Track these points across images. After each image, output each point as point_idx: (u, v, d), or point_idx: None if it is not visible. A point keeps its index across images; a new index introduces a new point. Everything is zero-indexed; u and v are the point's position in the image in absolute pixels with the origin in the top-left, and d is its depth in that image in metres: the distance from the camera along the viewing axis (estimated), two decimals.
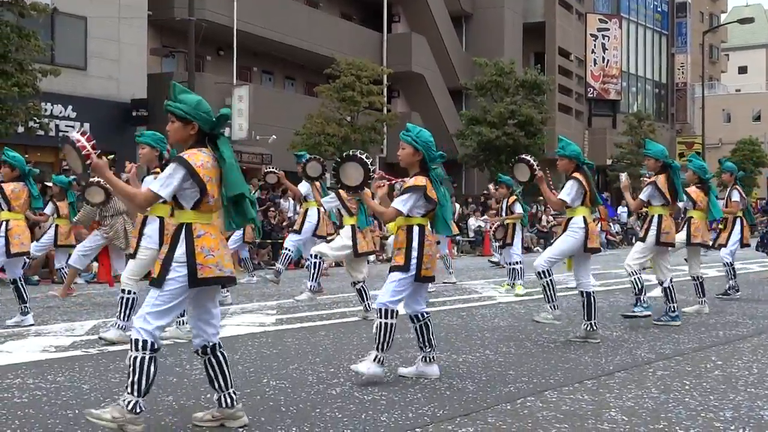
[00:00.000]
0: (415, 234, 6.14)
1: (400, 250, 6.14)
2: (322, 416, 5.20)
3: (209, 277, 4.68)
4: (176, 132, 4.78)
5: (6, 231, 9.16)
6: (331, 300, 12.01)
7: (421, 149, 6.15)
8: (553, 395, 5.78)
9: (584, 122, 51.58)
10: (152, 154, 7.79)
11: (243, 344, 7.88)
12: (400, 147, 6.25)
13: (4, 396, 5.73)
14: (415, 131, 6.20)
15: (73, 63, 23.17)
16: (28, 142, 19.99)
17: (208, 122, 4.76)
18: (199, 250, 4.66)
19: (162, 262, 4.69)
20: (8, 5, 17.15)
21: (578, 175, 8.02)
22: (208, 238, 4.72)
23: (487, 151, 33.34)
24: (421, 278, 6.14)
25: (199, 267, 4.65)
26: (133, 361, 4.58)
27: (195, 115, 4.72)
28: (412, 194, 6.08)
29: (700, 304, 10.51)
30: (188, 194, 4.69)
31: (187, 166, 4.64)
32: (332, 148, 26.34)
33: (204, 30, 25.46)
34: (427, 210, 6.16)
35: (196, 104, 4.75)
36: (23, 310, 9.28)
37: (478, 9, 42.89)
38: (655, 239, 9.09)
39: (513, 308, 11.03)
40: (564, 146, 8.14)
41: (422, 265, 6.11)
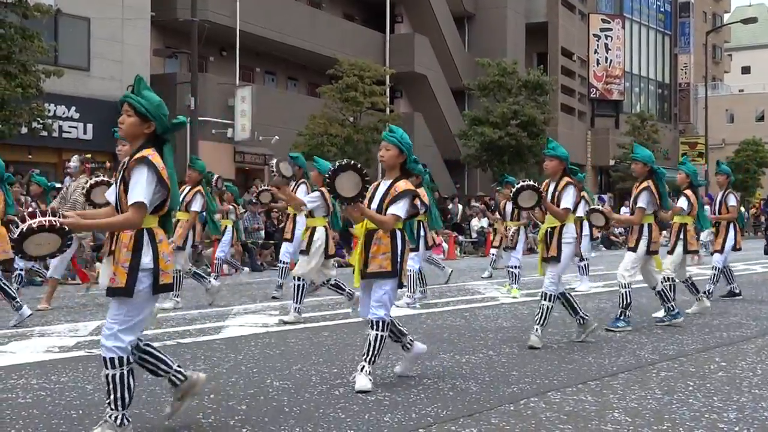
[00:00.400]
0: (399, 239, 6.09)
1: (386, 255, 6.03)
2: (326, 417, 5.20)
3: (167, 283, 4.61)
4: (131, 127, 4.58)
5: None
6: (334, 301, 12.00)
7: (405, 151, 6.11)
8: (556, 396, 5.78)
9: (587, 123, 51.55)
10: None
11: (246, 345, 7.89)
12: (383, 148, 6.14)
13: (8, 396, 5.74)
14: (399, 133, 6.15)
15: (76, 64, 23.21)
16: (31, 143, 20.05)
17: (164, 126, 4.63)
18: (161, 256, 4.54)
19: (128, 270, 4.46)
20: (12, 6, 17.18)
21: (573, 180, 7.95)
22: (165, 243, 4.63)
23: (490, 152, 33.33)
24: (400, 284, 6.15)
25: (161, 273, 4.54)
26: (111, 379, 4.51)
27: (155, 116, 4.57)
28: (406, 198, 6.04)
29: (699, 301, 10.48)
30: (153, 198, 4.53)
31: (155, 169, 4.49)
32: (335, 148, 26.37)
33: (207, 31, 25.47)
34: (410, 214, 6.18)
35: (159, 105, 4.60)
36: (16, 306, 9.23)
37: (481, 9, 42.88)
38: (646, 249, 8.95)
39: (516, 309, 11.02)
40: (554, 147, 7.96)
41: (403, 271, 6.15)
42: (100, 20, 24.16)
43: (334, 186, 5.94)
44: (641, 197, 8.90)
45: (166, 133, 4.66)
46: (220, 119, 27.84)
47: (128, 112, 4.57)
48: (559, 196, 7.80)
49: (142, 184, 4.44)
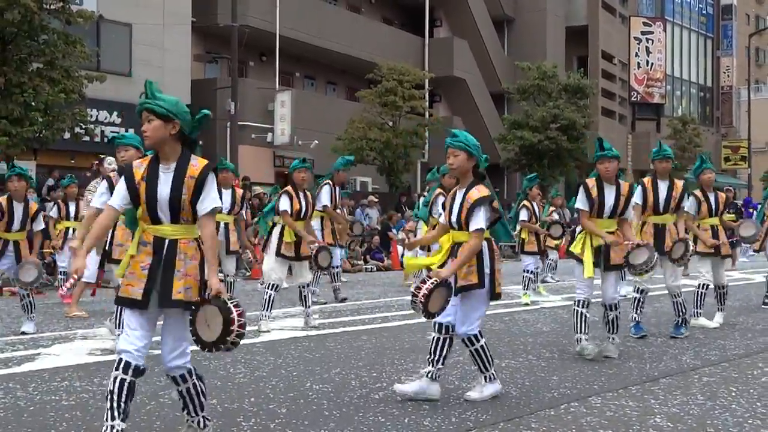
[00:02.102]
0: (485, 249, 5.70)
1: (471, 268, 5.63)
2: (365, 420, 5.21)
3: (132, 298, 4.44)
4: (155, 131, 4.35)
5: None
6: (373, 305, 12.02)
7: (475, 153, 5.75)
8: (597, 401, 5.73)
9: (627, 126, 51.11)
10: (137, 156, 7.50)
11: (286, 348, 7.92)
12: (452, 155, 5.76)
13: (52, 398, 5.82)
14: (463, 136, 5.80)
15: (118, 69, 23.49)
16: (74, 147, 20.31)
17: (189, 123, 4.44)
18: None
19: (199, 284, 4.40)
20: (55, 13, 17.43)
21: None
22: None
23: (530, 156, 33.19)
24: (495, 296, 5.79)
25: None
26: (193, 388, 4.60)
27: (177, 113, 4.36)
28: (483, 207, 5.62)
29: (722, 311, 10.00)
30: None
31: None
32: (374, 153, 26.40)
33: (247, 36, 25.68)
34: (490, 222, 5.77)
35: (176, 103, 4.43)
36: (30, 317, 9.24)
37: (520, 13, 42.72)
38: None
39: (556, 313, 10.95)
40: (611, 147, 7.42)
41: (495, 283, 5.75)
42: (141, 26, 24.44)
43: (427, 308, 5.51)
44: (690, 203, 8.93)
45: (193, 132, 4.48)
46: (260, 124, 28.01)
47: (149, 118, 4.36)
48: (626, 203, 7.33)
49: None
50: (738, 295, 13.33)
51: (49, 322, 10.13)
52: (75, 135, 18.32)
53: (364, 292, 13.56)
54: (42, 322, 10.07)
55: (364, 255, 20.92)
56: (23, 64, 17.02)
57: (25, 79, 16.68)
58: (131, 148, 7.45)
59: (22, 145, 16.92)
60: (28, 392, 6.01)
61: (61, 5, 17.41)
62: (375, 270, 20.37)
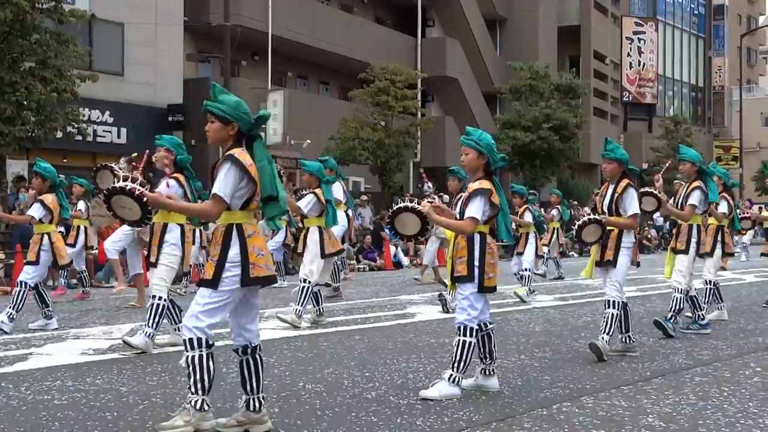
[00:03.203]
0: (476, 242, 5.85)
1: (462, 259, 5.86)
2: (358, 420, 5.21)
3: (260, 276, 4.74)
4: (216, 132, 4.81)
5: (50, 245, 9.27)
6: (366, 304, 12.03)
7: (486, 152, 5.89)
8: (589, 401, 5.75)
9: (620, 126, 51.25)
10: (168, 158, 7.84)
11: (278, 348, 7.92)
12: (463, 152, 5.95)
13: (44, 398, 5.81)
14: (476, 134, 5.94)
15: (111, 69, 23.45)
16: (66, 147, 20.24)
17: (247, 123, 4.80)
18: (251, 249, 4.70)
19: (216, 263, 4.69)
20: (48, 12, 17.38)
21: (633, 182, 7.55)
22: (257, 237, 4.79)
23: (522, 155, 33.20)
24: (484, 288, 5.86)
25: (252, 266, 4.69)
26: (191, 361, 4.65)
27: (235, 116, 4.76)
28: (481, 198, 5.81)
29: (720, 310, 10.11)
30: (240, 194, 4.73)
31: (240, 165, 4.68)
32: (366, 152, 26.39)
33: (239, 35, 25.64)
34: (489, 216, 5.88)
35: (236, 105, 4.80)
36: (47, 313, 9.36)
37: (513, 13, 42.76)
38: (696, 250, 8.77)
39: (548, 313, 10.97)
40: (613, 149, 7.54)
41: (485, 275, 5.84)
42: (134, 25, 24.39)
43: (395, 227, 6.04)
44: (693, 195, 8.66)
45: (252, 130, 4.83)
46: None
47: (210, 120, 4.79)
48: (618, 200, 7.38)
49: (221, 179, 4.68)
50: (730, 295, 13.37)
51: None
52: (67, 134, 18.29)
53: (356, 292, 13.56)
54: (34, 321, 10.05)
55: (356, 255, 20.93)
56: (15, 63, 16.97)
57: (17, 78, 16.64)
58: (161, 149, 7.86)
59: (14, 144, 16.88)
60: (21, 392, 6.00)
61: (54, 4, 17.37)
62: (367, 270, 20.38)
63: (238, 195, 4.73)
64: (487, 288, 5.88)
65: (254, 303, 4.92)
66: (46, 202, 9.38)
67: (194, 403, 4.65)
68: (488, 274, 5.87)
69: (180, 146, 7.95)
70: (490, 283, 5.89)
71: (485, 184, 5.86)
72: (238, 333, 4.91)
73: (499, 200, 5.91)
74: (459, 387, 5.84)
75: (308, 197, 9.67)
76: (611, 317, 7.35)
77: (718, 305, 10.11)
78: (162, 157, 7.86)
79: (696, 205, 8.68)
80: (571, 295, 13.58)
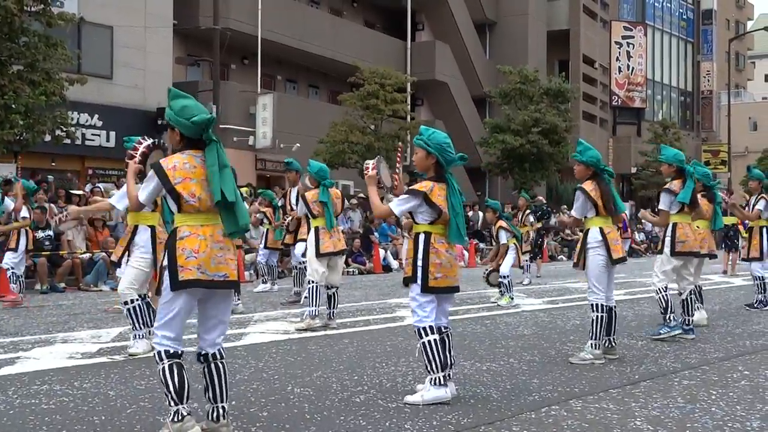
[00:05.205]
0: (420, 242, 5.84)
1: (408, 260, 5.90)
2: (347, 423, 5.21)
3: (190, 279, 4.53)
4: (169, 138, 4.84)
5: None
6: (355, 308, 12.02)
7: (434, 152, 5.80)
8: (578, 404, 5.76)
9: (609, 130, 51.37)
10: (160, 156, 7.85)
11: (267, 352, 7.91)
12: (414, 151, 5.98)
13: (32, 402, 5.78)
14: (427, 134, 5.87)
15: (100, 72, 23.38)
16: (55, 150, 20.18)
17: (189, 128, 4.65)
18: (180, 252, 4.54)
19: (158, 271, 4.68)
20: (36, 15, 17.33)
21: (586, 185, 7.43)
22: (193, 239, 4.58)
23: (511, 159, 33.31)
24: (429, 289, 5.79)
25: (180, 269, 4.52)
26: (160, 374, 4.64)
27: (176, 122, 4.68)
28: (410, 197, 5.81)
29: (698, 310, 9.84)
30: (168, 200, 4.69)
31: (159, 171, 4.62)
32: (356, 156, 26.39)
33: (228, 39, 25.62)
34: (432, 217, 5.81)
35: (179, 110, 4.67)
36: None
37: (502, 17, 42.85)
38: (671, 249, 8.74)
39: (537, 316, 10.99)
40: (582, 151, 7.52)
41: (428, 276, 5.77)
42: (123, 28, 24.33)
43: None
44: (660, 199, 8.75)
45: (200, 135, 4.67)
46: (242, 127, 27.96)
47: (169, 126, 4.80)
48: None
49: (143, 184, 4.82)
50: (718, 298, 13.44)
51: (30, 325, 10.06)
52: (56, 137, 18.23)
53: (345, 296, 13.53)
54: (22, 325, 10.02)
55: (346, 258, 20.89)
56: (3, 67, 16.91)
57: (5, 81, 16.58)
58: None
59: (2, 147, 16.81)
60: (8, 396, 5.97)
61: (42, 7, 17.31)
62: (357, 273, 20.37)
63: (169, 198, 4.67)
64: (432, 288, 5.80)
65: (211, 313, 4.78)
66: None
67: (172, 415, 4.61)
68: (433, 275, 5.79)
69: None
70: (436, 284, 5.80)
71: (422, 185, 5.81)
72: (199, 339, 4.85)
73: (450, 201, 5.81)
74: (444, 387, 5.77)
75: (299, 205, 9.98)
76: (592, 321, 7.39)
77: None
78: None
79: (663, 209, 8.74)
80: (561, 298, 13.60)
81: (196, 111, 4.67)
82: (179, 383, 4.59)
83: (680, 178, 8.74)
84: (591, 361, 7.31)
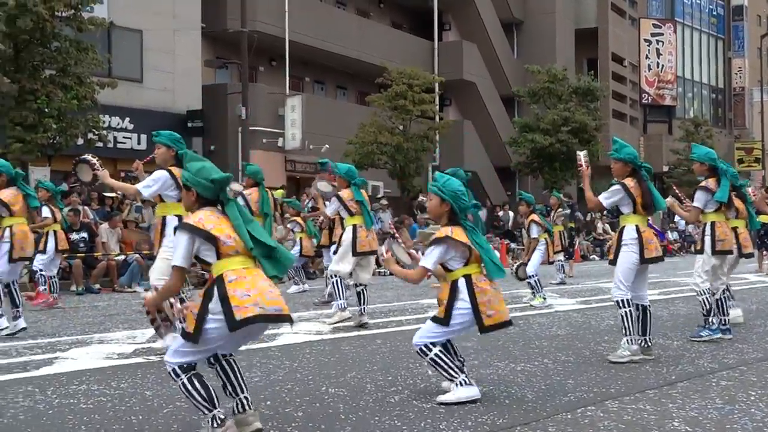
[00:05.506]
0: (462, 286, 5.77)
1: (442, 302, 5.83)
2: (381, 424, 5.21)
3: (249, 316, 4.53)
4: (184, 199, 4.90)
5: (11, 236, 9.17)
6: (387, 308, 12.03)
7: (448, 199, 5.80)
8: (614, 405, 5.71)
9: (639, 128, 51.00)
10: (168, 154, 7.89)
11: (301, 352, 7.93)
12: (428, 198, 5.95)
13: (70, 402, 5.84)
14: (442, 180, 5.89)
15: (130, 75, 23.58)
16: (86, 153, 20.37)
17: (208, 188, 4.76)
18: (232, 294, 4.54)
19: (196, 316, 4.58)
20: (67, 20, 17.51)
21: (627, 180, 7.41)
22: (241, 280, 4.59)
23: (541, 159, 33.16)
24: (486, 328, 5.80)
25: (236, 309, 4.52)
26: (181, 389, 4.66)
27: (194, 182, 4.77)
28: (436, 247, 5.78)
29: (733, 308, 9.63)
30: (205, 250, 4.66)
31: (187, 227, 4.66)
32: (385, 156, 26.42)
33: (256, 41, 25.72)
34: (464, 258, 5.79)
35: (197, 171, 4.77)
36: (16, 314, 9.25)
37: (530, 16, 42.69)
38: (711, 248, 8.61)
39: (570, 317, 10.93)
40: (618, 148, 7.54)
41: (481, 316, 5.75)
42: (152, 32, 24.52)
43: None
44: (696, 196, 8.65)
45: (217, 195, 4.78)
46: (271, 128, 28.06)
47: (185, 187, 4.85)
48: None
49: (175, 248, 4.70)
50: (755, 298, 13.29)
51: (66, 326, 10.18)
52: (88, 141, 18.41)
53: (377, 296, 13.54)
54: (59, 326, 10.14)
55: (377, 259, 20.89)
56: (36, 71, 17.11)
57: (38, 86, 16.78)
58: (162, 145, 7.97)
59: (36, 151, 17.01)
60: (47, 395, 6.04)
61: (73, 13, 17.50)
62: (388, 273, 20.34)
63: (206, 251, 4.65)
64: (488, 328, 5.82)
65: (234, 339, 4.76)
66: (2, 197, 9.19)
67: (210, 422, 4.63)
68: (485, 313, 5.77)
69: (179, 141, 7.94)
70: (491, 322, 5.80)
71: (442, 232, 5.78)
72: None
73: (473, 240, 5.79)
74: (473, 385, 5.80)
75: (332, 204, 9.99)
76: (622, 318, 7.36)
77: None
78: (162, 153, 7.89)
79: (698, 206, 8.62)
80: (594, 298, 13.51)
81: (214, 172, 4.80)
82: (204, 390, 4.62)
83: (714, 176, 8.64)
84: (629, 358, 7.27)
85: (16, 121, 16.51)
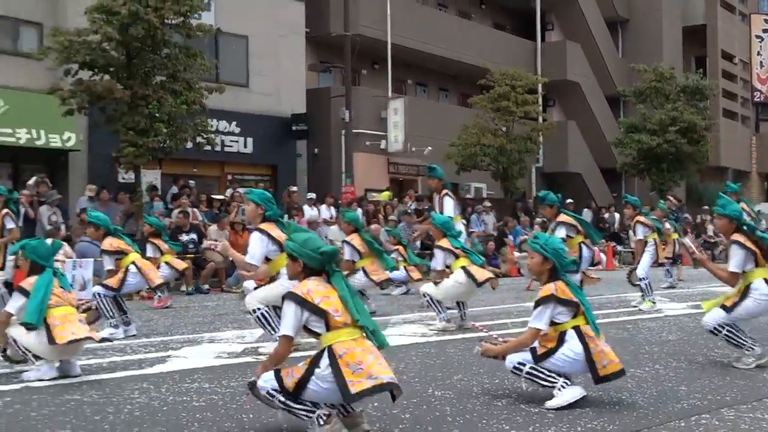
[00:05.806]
0: (574, 338, 5.79)
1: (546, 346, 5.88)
2: (489, 427, 5.18)
3: (363, 390, 4.65)
4: (289, 268, 5.02)
5: (138, 268, 9.51)
6: (492, 311, 11.96)
7: (551, 257, 5.88)
8: (730, 413, 5.54)
9: (751, 128, 49.36)
10: (257, 211, 7.98)
11: (407, 354, 7.95)
12: (529, 255, 6.09)
13: (183, 399, 6.01)
14: (543, 239, 5.99)
15: (236, 80, 24.05)
16: (196, 157, 20.91)
17: (315, 259, 4.88)
18: (345, 368, 4.65)
19: (299, 379, 4.71)
20: (176, 27, 17.97)
21: (738, 237, 7.24)
22: (352, 353, 4.71)
23: (648, 160, 32.37)
24: (600, 378, 5.81)
25: (350, 384, 4.64)
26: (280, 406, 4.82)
27: (300, 253, 4.89)
28: (543, 307, 5.81)
29: None
30: (314, 322, 4.77)
31: (295, 298, 4.75)
32: (488, 158, 26.26)
33: (359, 44, 25.92)
34: (572, 312, 5.83)
35: (303, 242, 4.92)
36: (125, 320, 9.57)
37: (635, 14, 41.83)
38: None
39: (681, 321, 10.65)
40: (724, 204, 7.40)
41: (596, 367, 5.77)
42: (257, 37, 24.97)
43: None
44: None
45: (323, 266, 4.90)
46: (374, 131, 28.22)
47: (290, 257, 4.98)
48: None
49: (284, 318, 4.81)
50: None
51: (178, 325, 10.48)
52: (197, 144, 18.87)
53: (482, 299, 13.46)
54: (171, 325, 10.45)
55: None
56: (147, 78, 17.62)
57: (149, 91, 17.27)
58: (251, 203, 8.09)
59: (147, 155, 17.53)
60: (161, 393, 6.22)
61: (182, 20, 17.94)
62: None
63: (314, 323, 4.76)
64: (604, 378, 5.83)
65: None
66: (107, 249, 9.49)
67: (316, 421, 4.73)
68: (600, 363, 5.79)
69: (269, 201, 8.06)
70: (606, 372, 5.81)
71: (547, 290, 5.83)
72: None
73: (576, 296, 5.84)
74: (576, 385, 5.78)
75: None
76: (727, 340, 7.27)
77: None
78: (252, 210, 8.04)
79: None
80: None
81: (320, 243, 4.95)
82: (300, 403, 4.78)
83: None
84: (755, 363, 7.12)
85: (128, 126, 17.04)
